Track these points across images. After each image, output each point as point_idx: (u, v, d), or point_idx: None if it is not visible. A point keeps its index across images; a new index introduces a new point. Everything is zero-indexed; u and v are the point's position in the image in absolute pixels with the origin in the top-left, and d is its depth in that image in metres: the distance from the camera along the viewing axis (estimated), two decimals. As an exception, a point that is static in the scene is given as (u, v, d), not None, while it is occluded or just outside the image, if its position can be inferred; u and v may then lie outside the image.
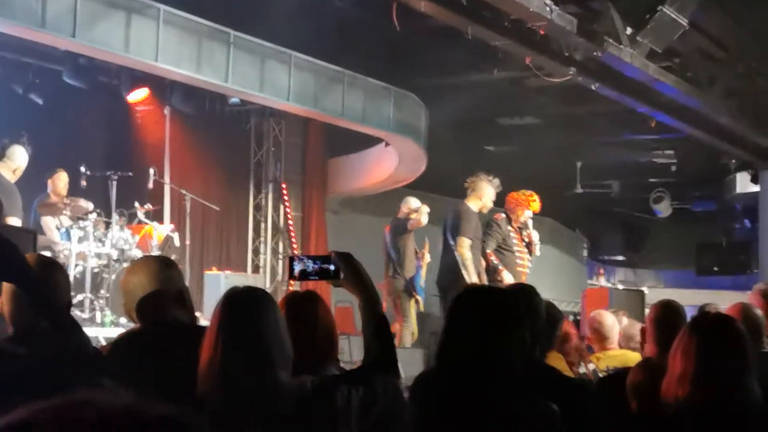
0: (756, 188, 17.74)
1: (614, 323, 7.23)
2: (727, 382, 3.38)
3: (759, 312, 5.33)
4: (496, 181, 10.71)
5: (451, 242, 10.42)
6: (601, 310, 7.48)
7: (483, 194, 10.61)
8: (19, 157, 9.33)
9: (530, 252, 10.89)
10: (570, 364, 6.07)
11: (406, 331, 11.79)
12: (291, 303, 3.80)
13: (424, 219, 12.00)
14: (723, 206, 22.68)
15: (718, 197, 22.06)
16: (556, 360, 5.82)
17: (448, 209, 10.98)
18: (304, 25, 12.02)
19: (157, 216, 12.26)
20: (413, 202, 12.27)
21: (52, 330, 3.44)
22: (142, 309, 3.89)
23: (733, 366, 3.41)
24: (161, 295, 3.90)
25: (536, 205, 10.85)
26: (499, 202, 11.05)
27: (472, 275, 10.18)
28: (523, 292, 4.45)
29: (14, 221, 8.38)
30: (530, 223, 10.94)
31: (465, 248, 10.29)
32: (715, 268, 24.32)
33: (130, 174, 11.57)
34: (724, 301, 9.30)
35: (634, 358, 6.17)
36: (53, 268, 3.85)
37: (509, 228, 10.74)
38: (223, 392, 3.08)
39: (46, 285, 3.53)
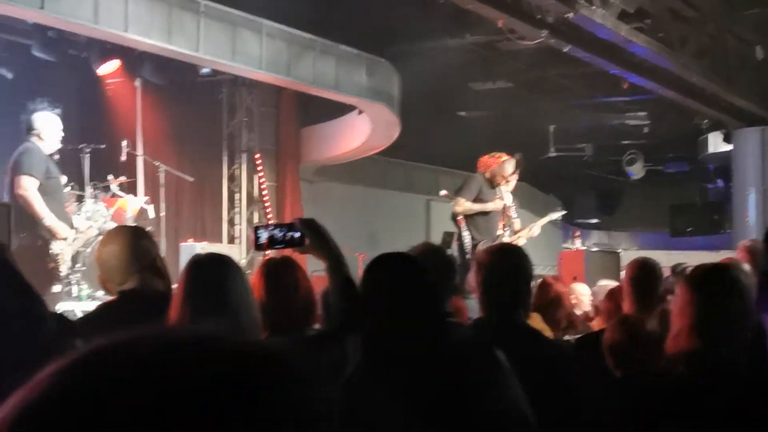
0: (728, 148, 17.80)
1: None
2: (727, 334, 3.27)
3: (748, 268, 5.35)
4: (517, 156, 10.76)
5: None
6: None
7: (502, 167, 10.66)
8: (45, 121, 8.86)
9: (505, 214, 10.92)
10: (556, 329, 6.07)
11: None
12: (269, 269, 3.81)
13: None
14: (696, 167, 22.75)
15: (690, 158, 22.12)
16: (534, 321, 5.85)
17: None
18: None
19: (131, 188, 12.20)
20: None
21: (14, 298, 3.42)
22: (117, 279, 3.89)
23: (733, 316, 3.30)
24: (136, 265, 3.90)
25: None
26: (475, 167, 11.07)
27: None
28: (507, 253, 4.46)
29: (27, 179, 8.20)
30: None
31: (459, 206, 10.35)
32: (689, 229, 24.43)
33: (103, 147, 11.50)
34: (699, 261, 9.38)
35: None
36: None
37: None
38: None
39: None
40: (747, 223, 16.56)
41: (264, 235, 3.48)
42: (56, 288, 8.84)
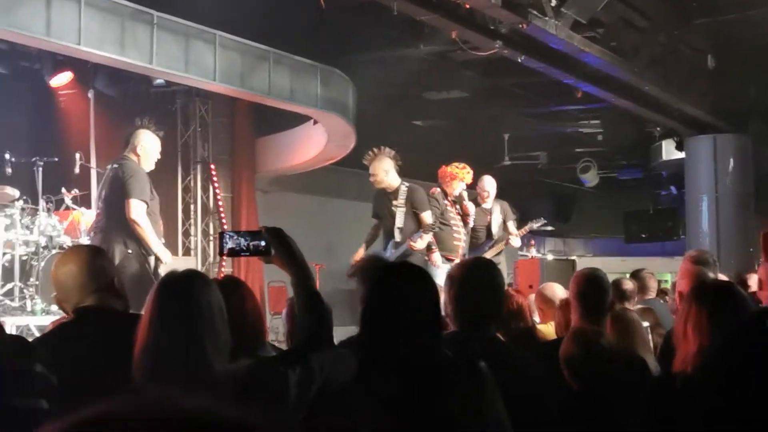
0: (681, 155, 17.96)
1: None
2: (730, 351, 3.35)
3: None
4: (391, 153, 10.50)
5: None
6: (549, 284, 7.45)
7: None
8: (148, 140, 8.88)
9: (465, 224, 10.91)
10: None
11: None
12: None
13: None
14: (649, 174, 22.93)
15: (644, 165, 22.30)
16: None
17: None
18: (228, 4, 11.91)
19: (84, 201, 12.08)
20: None
21: None
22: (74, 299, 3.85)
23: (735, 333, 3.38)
24: (92, 285, 3.87)
25: (468, 176, 10.86)
26: (431, 177, 11.11)
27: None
28: (479, 267, 4.50)
29: (140, 205, 8.08)
30: (465, 194, 10.98)
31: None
32: (643, 235, 24.61)
33: (56, 159, 11.39)
34: (654, 267, 9.47)
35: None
36: None
37: (445, 202, 10.73)
38: (155, 380, 3.00)
39: None
40: (700, 229, 16.70)
41: (229, 243, 3.42)
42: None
